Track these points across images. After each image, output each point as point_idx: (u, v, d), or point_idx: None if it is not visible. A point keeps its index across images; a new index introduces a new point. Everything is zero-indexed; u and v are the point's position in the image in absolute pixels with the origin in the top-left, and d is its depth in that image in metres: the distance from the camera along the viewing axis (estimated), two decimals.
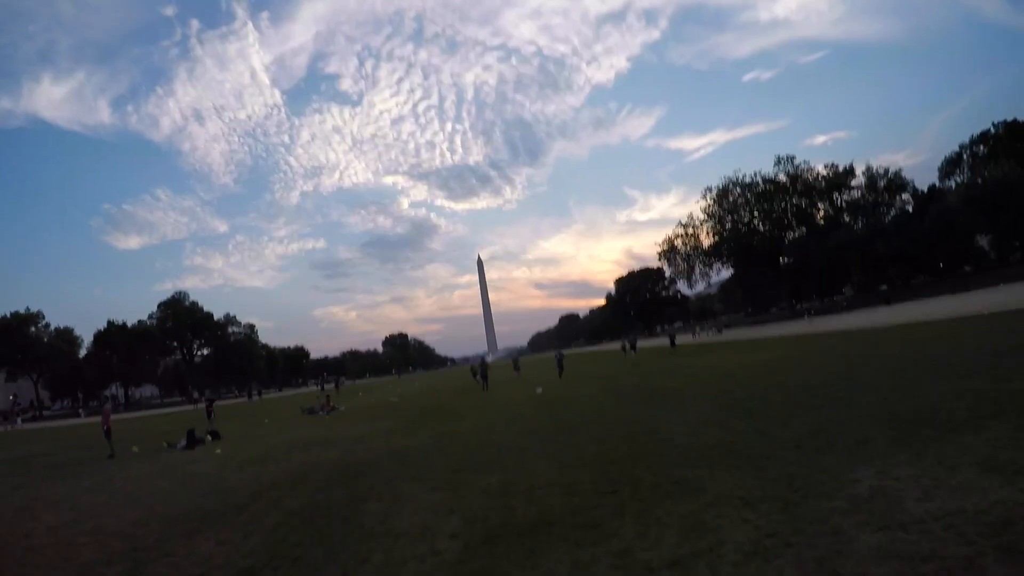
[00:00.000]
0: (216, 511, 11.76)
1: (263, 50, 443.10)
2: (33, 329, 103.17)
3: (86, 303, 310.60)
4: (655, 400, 20.21)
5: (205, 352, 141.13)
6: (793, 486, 8.04)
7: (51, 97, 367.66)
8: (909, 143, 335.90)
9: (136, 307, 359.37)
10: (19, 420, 60.32)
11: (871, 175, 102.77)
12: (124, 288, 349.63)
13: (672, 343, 58.02)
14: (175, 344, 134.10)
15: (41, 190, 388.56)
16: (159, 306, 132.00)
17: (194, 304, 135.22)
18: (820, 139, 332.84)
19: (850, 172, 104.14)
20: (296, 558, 8.14)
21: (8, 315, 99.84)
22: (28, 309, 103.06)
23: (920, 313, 43.39)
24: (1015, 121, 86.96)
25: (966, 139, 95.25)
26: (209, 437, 28.36)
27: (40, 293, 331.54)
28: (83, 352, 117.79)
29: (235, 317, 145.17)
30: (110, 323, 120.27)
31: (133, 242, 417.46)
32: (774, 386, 18.98)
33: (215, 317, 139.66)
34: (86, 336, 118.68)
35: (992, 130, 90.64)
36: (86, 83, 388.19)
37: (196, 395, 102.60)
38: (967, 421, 10.06)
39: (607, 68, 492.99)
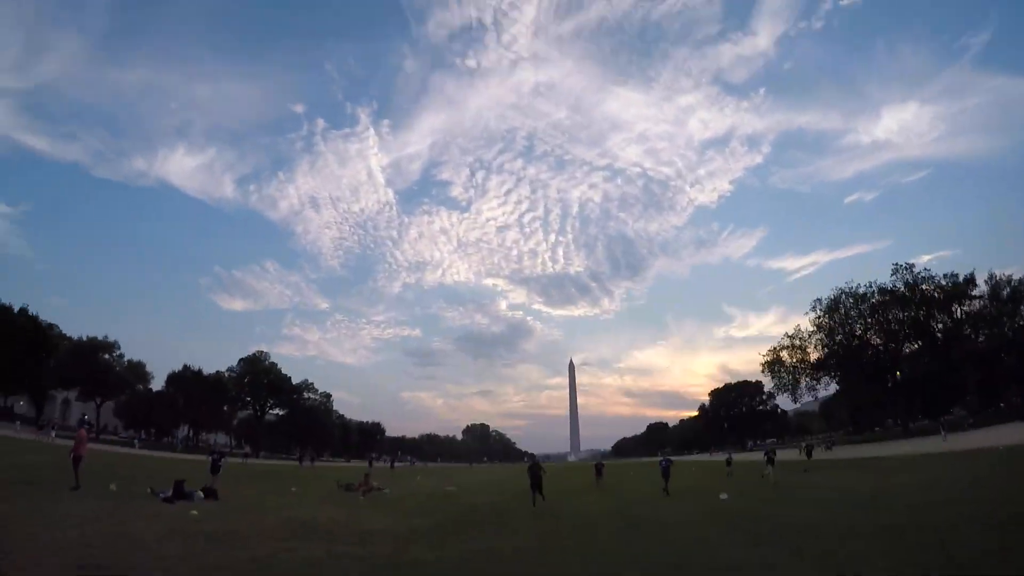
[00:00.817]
0: None
1: (381, 153, 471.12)
2: (107, 356, 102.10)
3: (179, 350, 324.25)
4: (792, 537, 13.62)
5: (280, 412, 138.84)
6: None
7: (183, 167, 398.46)
8: (1017, 259, 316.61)
9: (229, 363, 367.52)
10: (53, 433, 57.19)
11: (995, 284, 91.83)
12: (221, 344, 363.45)
13: (808, 455, 48.91)
14: (248, 399, 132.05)
15: (159, 244, 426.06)
16: (239, 361, 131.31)
17: (273, 365, 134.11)
18: (925, 258, 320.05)
19: (971, 281, 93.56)
20: None
21: (85, 338, 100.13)
22: (106, 337, 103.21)
23: None
24: None
25: None
26: (202, 494, 23.79)
27: (138, 332, 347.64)
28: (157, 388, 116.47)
29: (312, 384, 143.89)
30: (185, 367, 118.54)
31: (237, 304, 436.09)
32: (967, 519, 13.14)
33: (294, 381, 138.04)
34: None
35: None
36: (216, 160, 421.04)
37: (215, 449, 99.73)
38: None
39: (710, 190, 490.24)
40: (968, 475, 23.63)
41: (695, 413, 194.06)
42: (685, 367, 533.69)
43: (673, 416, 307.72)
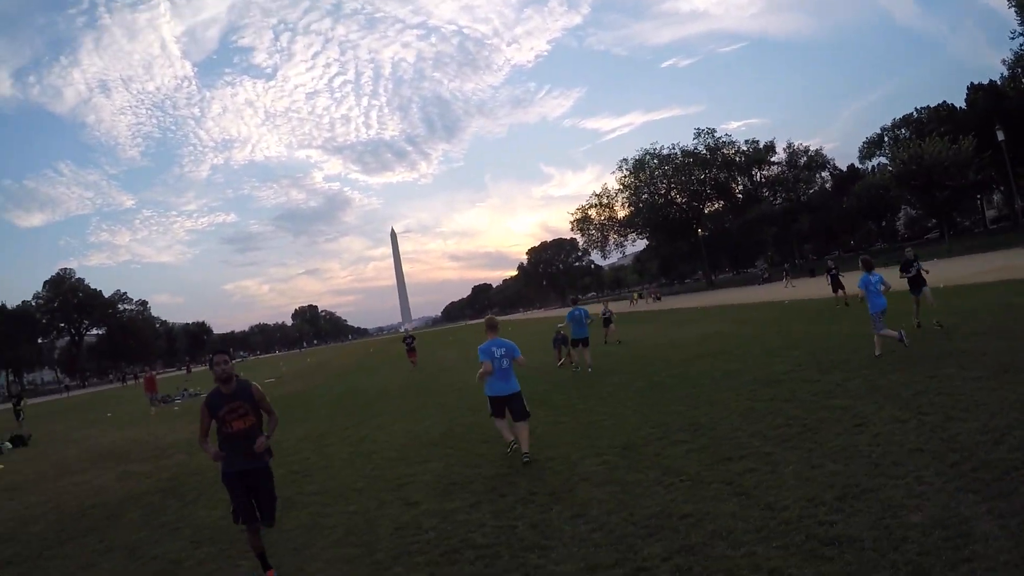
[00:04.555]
0: None
1: (175, 20, 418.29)
2: None
3: None
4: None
5: (98, 332, 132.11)
6: None
7: None
8: (819, 132, 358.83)
9: (37, 289, 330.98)
10: None
11: (792, 152, 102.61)
12: (26, 268, 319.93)
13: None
14: (63, 325, 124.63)
15: None
16: (44, 284, 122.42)
17: (80, 281, 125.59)
18: (734, 124, 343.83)
19: (771, 148, 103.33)
20: None
21: None
22: None
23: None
24: (943, 104, 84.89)
25: (872, 130, 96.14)
26: (10, 444, 23.01)
27: None
28: None
29: (125, 294, 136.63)
30: None
31: (36, 219, 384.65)
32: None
33: (107, 294, 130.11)
34: None
35: (915, 114, 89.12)
36: None
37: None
38: None
39: (527, 50, 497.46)
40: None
41: (516, 273, 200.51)
42: (506, 227, 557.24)
43: (498, 277, 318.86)
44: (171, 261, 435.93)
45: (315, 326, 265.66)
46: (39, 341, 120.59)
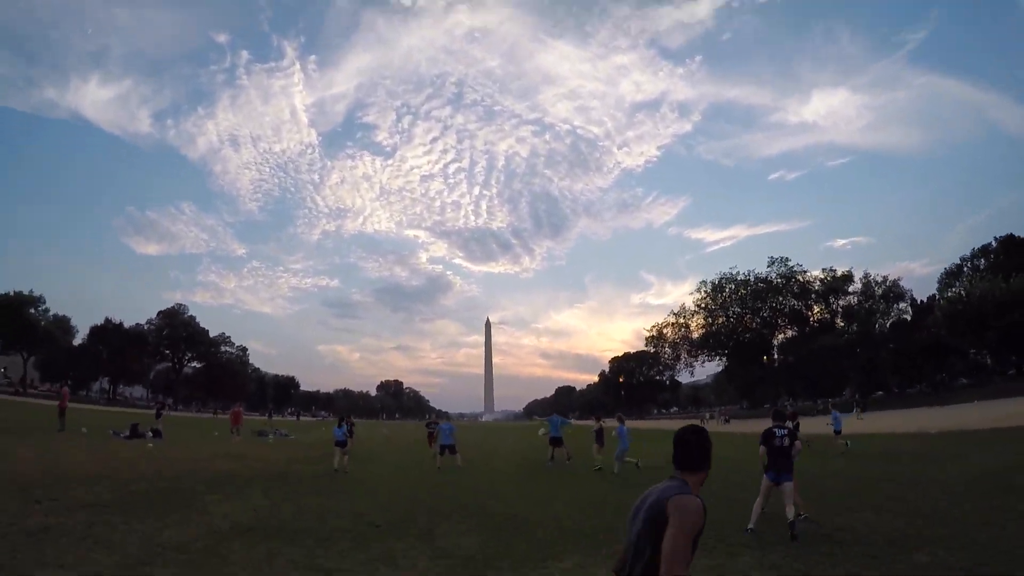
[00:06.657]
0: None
1: (306, 91, 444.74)
2: (33, 311, 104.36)
3: (97, 298, 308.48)
4: None
5: (197, 365, 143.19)
6: None
7: (96, 98, 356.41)
8: (928, 251, 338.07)
9: (145, 311, 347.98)
10: None
11: (867, 283, 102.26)
12: (136, 291, 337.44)
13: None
14: (167, 352, 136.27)
15: (70, 182, 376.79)
16: (158, 314, 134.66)
17: (191, 318, 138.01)
18: (840, 242, 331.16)
19: (848, 278, 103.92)
20: None
21: (11, 293, 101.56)
22: (31, 292, 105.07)
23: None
24: (1011, 237, 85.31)
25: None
26: (151, 433, 31.51)
27: (51, 279, 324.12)
28: (78, 342, 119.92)
29: (229, 337, 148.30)
30: (107, 320, 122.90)
31: (152, 248, 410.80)
32: None
33: (211, 334, 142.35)
34: (86, 328, 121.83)
35: (993, 244, 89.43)
36: (132, 91, 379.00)
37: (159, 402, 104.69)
38: None
39: (637, 154, 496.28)
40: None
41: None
42: (601, 331, 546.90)
43: (586, 380, 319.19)
44: (271, 313, 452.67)
45: (398, 401, 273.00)
46: (143, 361, 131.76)
